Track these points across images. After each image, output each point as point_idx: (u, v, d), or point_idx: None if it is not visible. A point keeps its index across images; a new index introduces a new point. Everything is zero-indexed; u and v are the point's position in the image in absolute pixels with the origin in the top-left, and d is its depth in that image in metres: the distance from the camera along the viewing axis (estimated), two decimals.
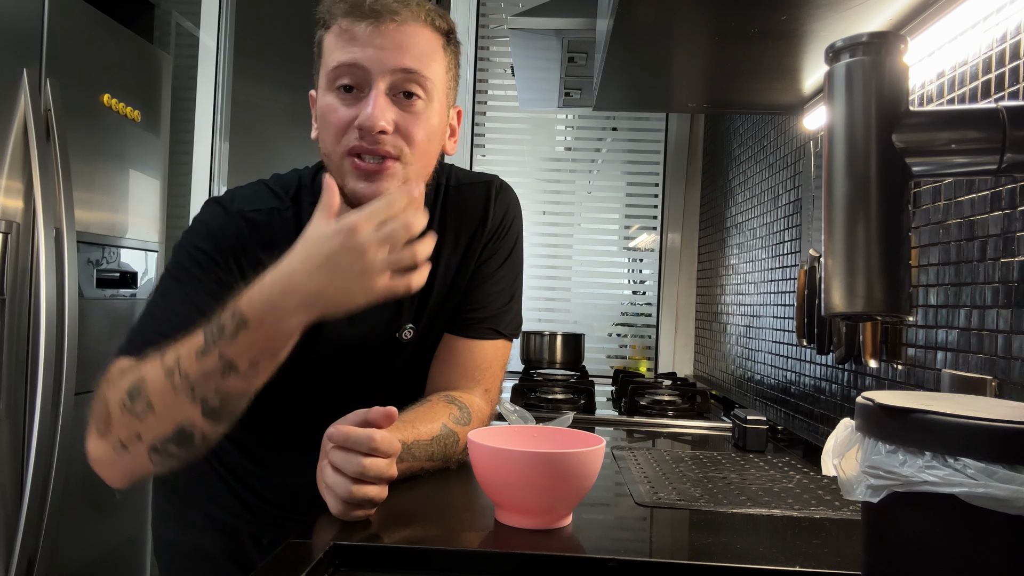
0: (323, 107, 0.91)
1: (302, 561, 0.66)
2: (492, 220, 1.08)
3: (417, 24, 0.90)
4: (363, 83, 0.89)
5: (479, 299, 1.07)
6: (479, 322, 1.07)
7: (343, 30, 0.89)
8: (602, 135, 2.69)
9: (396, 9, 0.88)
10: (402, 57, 0.88)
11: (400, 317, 1.04)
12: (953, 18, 0.95)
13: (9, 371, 1.70)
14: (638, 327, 2.66)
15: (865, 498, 0.51)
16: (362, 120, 0.87)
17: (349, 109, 0.89)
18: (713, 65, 1.33)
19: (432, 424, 0.95)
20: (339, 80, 0.89)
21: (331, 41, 0.91)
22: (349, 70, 0.88)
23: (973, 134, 0.64)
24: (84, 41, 1.96)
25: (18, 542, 1.69)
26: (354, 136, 0.89)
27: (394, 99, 0.90)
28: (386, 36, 0.88)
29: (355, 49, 0.88)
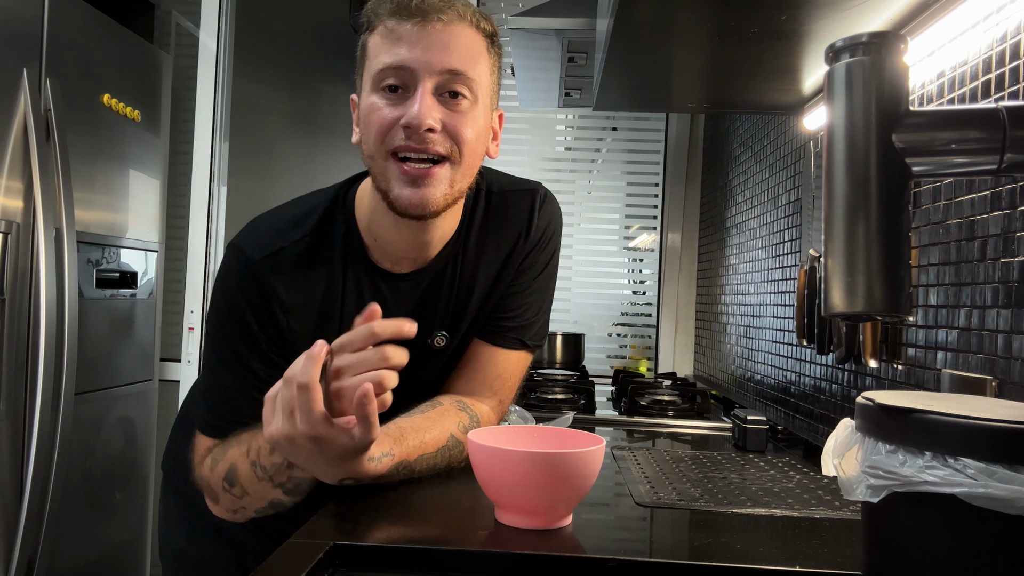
0: (367, 107, 0.90)
1: (302, 561, 0.66)
2: (534, 231, 1.06)
3: (463, 24, 0.89)
4: (409, 83, 0.87)
5: (510, 308, 1.06)
6: (507, 331, 1.05)
7: (388, 30, 0.88)
8: (602, 135, 2.69)
9: (442, 8, 0.87)
10: (448, 57, 0.87)
11: (433, 324, 1.02)
12: (953, 18, 0.95)
13: (9, 371, 1.70)
14: (638, 327, 2.66)
15: (865, 498, 0.51)
16: (409, 118, 0.86)
17: (394, 108, 0.88)
18: (713, 65, 1.33)
19: (440, 432, 0.94)
20: (384, 81, 0.88)
21: (376, 42, 0.89)
22: (395, 72, 0.87)
23: (973, 134, 0.64)
24: (84, 41, 1.96)
25: (18, 542, 1.69)
26: (399, 136, 0.87)
27: (440, 99, 0.88)
28: (432, 36, 0.86)
29: (401, 50, 0.87)
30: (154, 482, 2.35)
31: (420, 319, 1.00)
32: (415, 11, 0.86)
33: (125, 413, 2.20)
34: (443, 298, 1.02)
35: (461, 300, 1.03)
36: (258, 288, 0.94)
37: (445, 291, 1.02)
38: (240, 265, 0.95)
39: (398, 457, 0.88)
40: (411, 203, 0.89)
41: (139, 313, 2.27)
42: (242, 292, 0.94)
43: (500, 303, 1.06)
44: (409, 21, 0.87)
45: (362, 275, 0.98)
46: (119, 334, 2.17)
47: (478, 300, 1.04)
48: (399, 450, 0.88)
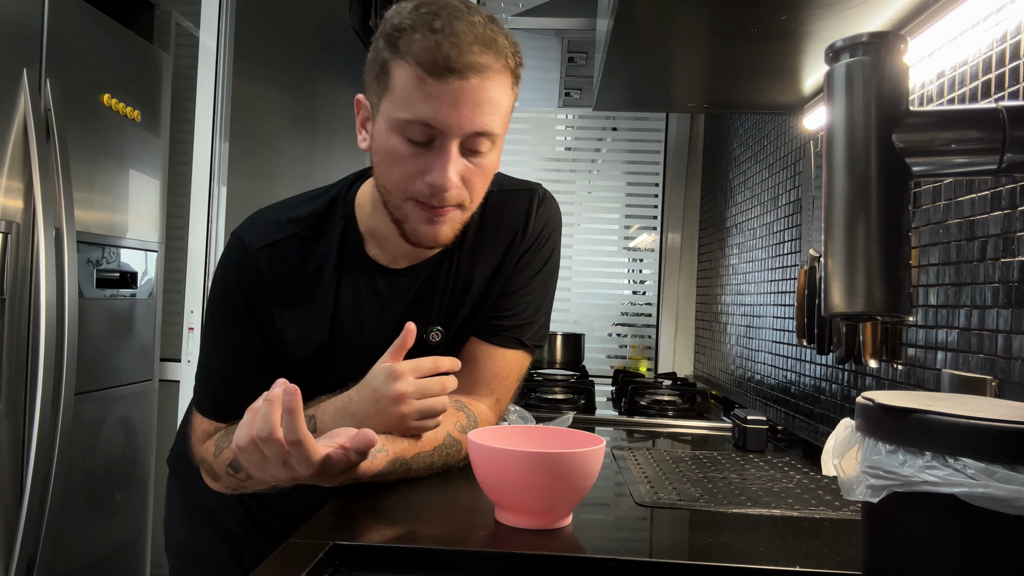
0: (388, 147, 0.87)
1: (302, 561, 0.66)
2: (531, 230, 1.06)
3: (497, 75, 0.85)
4: (435, 139, 0.86)
5: (508, 307, 1.06)
6: (504, 330, 1.06)
7: (421, 79, 0.83)
8: (602, 135, 2.69)
9: (481, 64, 0.83)
10: (479, 118, 0.85)
11: (428, 319, 1.02)
12: (953, 18, 0.95)
13: (9, 371, 1.70)
14: (638, 327, 2.66)
15: (865, 498, 0.51)
16: (435, 181, 0.86)
17: (418, 161, 0.86)
18: (713, 65, 1.33)
19: (437, 431, 0.95)
20: (409, 132, 0.85)
21: (405, 82, 0.84)
22: (424, 128, 0.84)
23: (973, 134, 0.64)
24: (84, 41, 1.96)
25: (18, 542, 1.69)
26: (423, 190, 0.87)
27: (463, 152, 0.87)
28: (466, 95, 0.83)
29: (434, 108, 0.83)
30: (154, 482, 2.35)
31: (415, 314, 1.01)
32: (452, 68, 0.82)
33: (125, 413, 2.20)
34: (438, 294, 1.03)
35: (456, 296, 1.03)
36: (253, 277, 0.96)
37: (440, 287, 1.02)
38: (238, 253, 0.98)
39: (392, 454, 0.88)
40: (426, 237, 0.91)
41: (139, 313, 2.27)
42: (237, 279, 0.97)
43: (498, 302, 1.06)
44: (445, 79, 0.82)
45: (358, 271, 0.99)
46: (119, 334, 2.17)
47: (474, 297, 1.04)
48: (392, 447, 0.89)
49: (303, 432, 0.75)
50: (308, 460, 0.76)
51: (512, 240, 1.05)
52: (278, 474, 0.79)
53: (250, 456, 0.79)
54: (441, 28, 0.82)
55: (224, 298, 0.98)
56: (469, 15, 0.84)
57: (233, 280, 0.98)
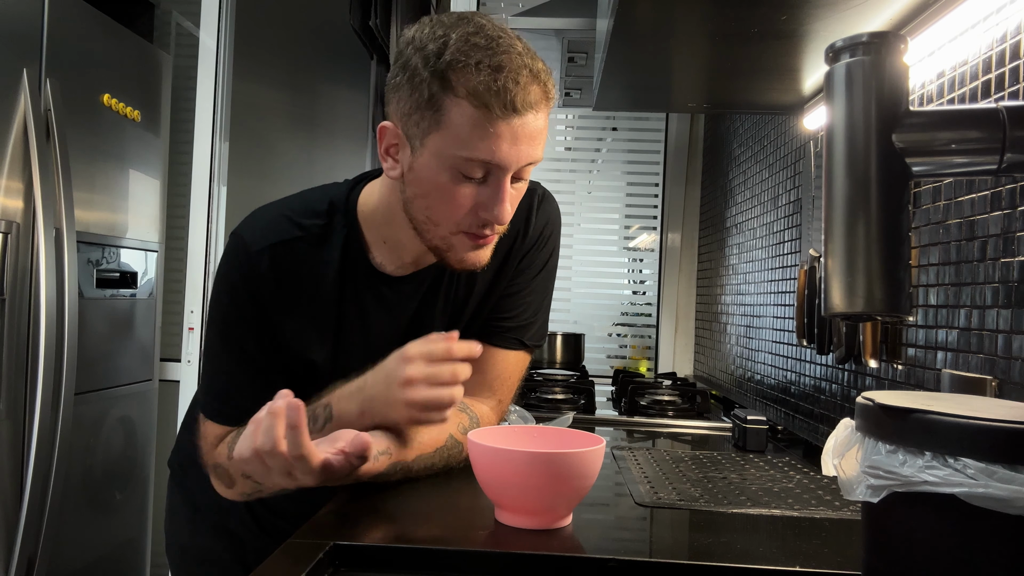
0: (439, 183, 0.86)
1: (302, 561, 0.66)
2: (532, 231, 1.06)
3: (544, 108, 0.86)
4: (490, 174, 0.86)
5: (509, 308, 1.06)
6: (506, 331, 1.06)
7: (484, 120, 0.82)
8: (602, 135, 2.69)
9: (535, 101, 0.84)
10: (533, 151, 0.86)
11: (432, 325, 1.02)
12: (953, 18, 0.95)
13: (9, 371, 1.70)
14: (638, 327, 2.66)
15: (865, 498, 0.51)
16: (493, 215, 0.87)
17: (472, 195, 0.87)
18: (713, 65, 1.33)
19: (439, 433, 0.95)
20: (467, 170, 0.85)
21: (464, 120, 0.82)
22: (484, 165, 0.84)
23: (973, 134, 0.64)
24: (84, 41, 1.96)
25: (18, 542, 1.69)
26: (476, 222, 0.88)
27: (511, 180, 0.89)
28: (524, 130, 0.84)
29: (496, 146, 0.83)
30: (154, 482, 2.35)
31: (420, 320, 1.01)
32: (515, 108, 0.82)
33: (125, 413, 2.20)
34: (441, 299, 1.03)
35: (460, 300, 1.04)
36: (252, 278, 0.95)
37: (443, 292, 1.02)
38: (239, 253, 0.96)
39: (395, 457, 0.88)
40: (472, 263, 0.92)
41: (139, 313, 2.27)
42: (241, 280, 0.95)
43: (499, 303, 1.06)
44: (508, 119, 0.82)
45: (362, 280, 0.98)
46: (119, 334, 2.17)
47: (476, 300, 1.05)
48: (396, 450, 0.89)
49: (307, 447, 0.75)
50: (311, 470, 0.77)
51: (513, 242, 1.05)
52: (281, 483, 0.79)
53: (253, 467, 0.79)
54: (499, 65, 0.81)
55: (230, 300, 0.96)
56: (513, 43, 0.84)
57: (237, 280, 0.96)
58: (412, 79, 0.84)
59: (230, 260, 0.97)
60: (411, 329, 1.00)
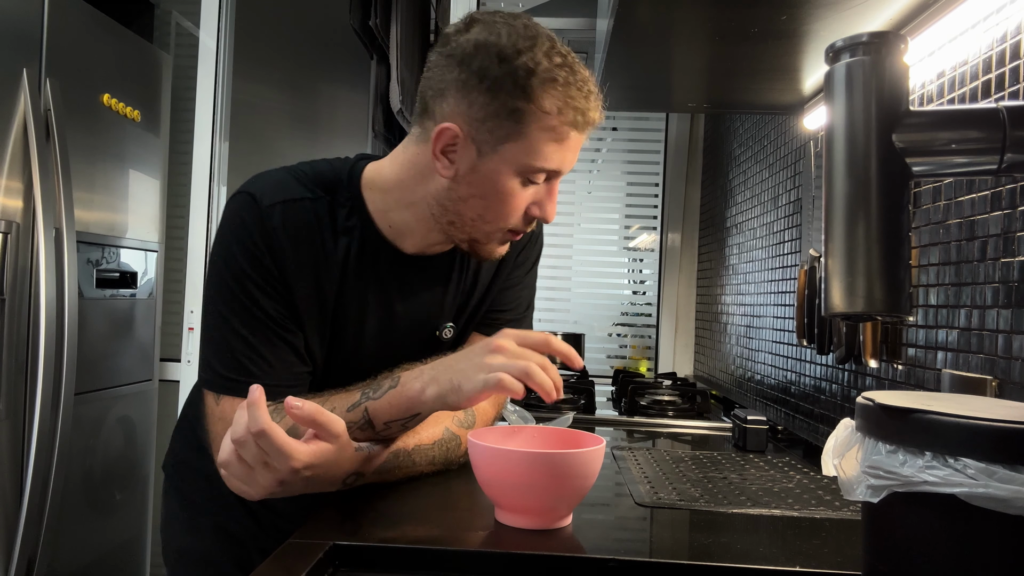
0: (505, 187, 0.90)
1: (302, 561, 0.66)
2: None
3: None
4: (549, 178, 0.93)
5: (507, 301, 1.11)
6: (504, 323, 1.08)
7: (561, 136, 0.88)
8: (602, 135, 2.69)
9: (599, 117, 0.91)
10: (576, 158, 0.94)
11: (441, 316, 1.04)
12: (953, 18, 0.95)
13: (9, 371, 1.70)
14: (638, 327, 2.66)
15: (865, 498, 0.51)
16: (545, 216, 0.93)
17: (528, 196, 0.92)
18: (713, 65, 1.33)
19: (435, 427, 0.95)
20: (536, 177, 0.90)
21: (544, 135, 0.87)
22: (551, 174, 0.91)
23: (973, 134, 0.64)
24: (84, 41, 1.96)
25: (18, 542, 1.69)
26: (526, 221, 0.94)
27: None
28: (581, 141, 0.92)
29: (564, 156, 0.90)
30: (154, 482, 2.35)
31: (429, 309, 1.02)
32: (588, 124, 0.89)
33: (125, 413, 2.20)
34: (452, 289, 1.04)
35: (466, 293, 1.06)
36: (267, 232, 0.91)
37: (454, 282, 1.04)
38: (250, 208, 0.92)
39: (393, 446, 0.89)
40: (497, 255, 0.97)
41: (139, 313, 2.27)
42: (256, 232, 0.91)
43: (497, 297, 1.10)
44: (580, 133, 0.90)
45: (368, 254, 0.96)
46: (119, 334, 2.17)
47: (480, 292, 1.08)
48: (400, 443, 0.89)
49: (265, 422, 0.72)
50: (281, 453, 0.73)
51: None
52: (265, 480, 0.76)
53: (235, 469, 0.76)
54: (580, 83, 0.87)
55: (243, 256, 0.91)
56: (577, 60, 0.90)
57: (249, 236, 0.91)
58: (493, 88, 0.86)
59: (239, 216, 0.92)
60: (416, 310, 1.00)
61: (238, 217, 0.92)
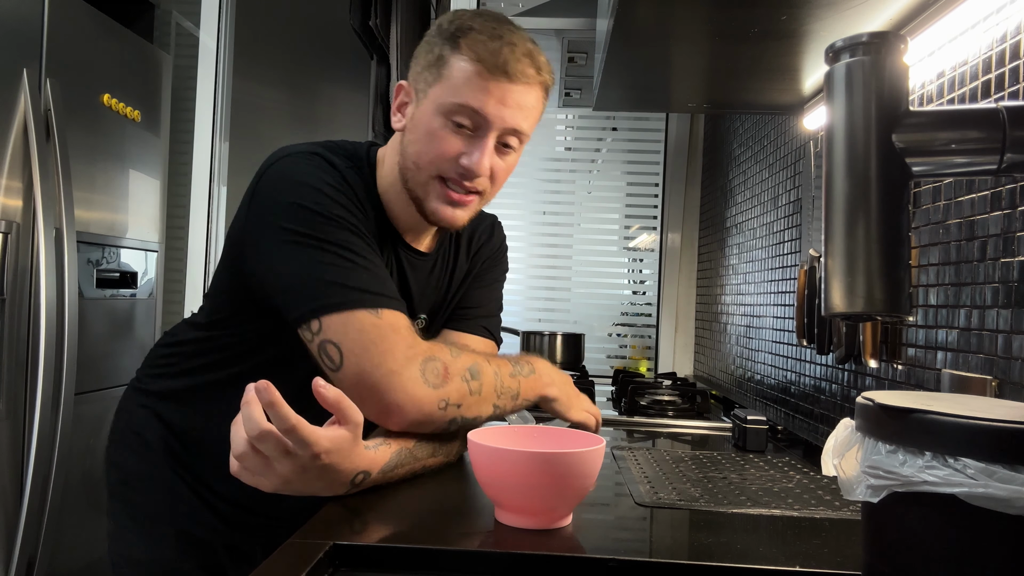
0: (430, 127, 0.97)
1: (302, 561, 0.66)
2: (496, 239, 1.24)
3: (539, 87, 0.99)
4: (477, 127, 0.96)
5: (475, 300, 1.20)
6: (473, 319, 1.18)
7: (478, 73, 0.94)
8: (602, 135, 2.69)
9: (528, 74, 0.96)
10: (518, 118, 0.97)
11: (419, 307, 1.12)
12: (953, 18, 0.95)
13: (9, 371, 1.70)
14: (638, 327, 2.66)
15: (865, 498, 0.51)
16: (471, 164, 0.96)
17: (458, 143, 0.96)
18: (713, 65, 1.33)
19: None
20: (457, 117, 0.95)
21: (462, 73, 0.95)
22: (472, 115, 0.95)
23: (973, 134, 0.64)
24: (84, 41, 1.96)
25: (18, 542, 1.69)
26: (455, 169, 0.97)
27: (495, 147, 0.98)
28: (512, 96, 0.95)
29: (485, 99, 0.94)
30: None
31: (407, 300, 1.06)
32: (507, 72, 0.94)
33: None
34: (432, 286, 1.13)
35: (443, 287, 1.16)
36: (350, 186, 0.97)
37: (434, 280, 1.13)
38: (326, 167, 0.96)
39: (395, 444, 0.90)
40: (445, 218, 1.00)
41: (139, 313, 2.27)
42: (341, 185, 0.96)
43: (466, 296, 1.19)
44: (498, 79, 0.94)
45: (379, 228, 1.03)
46: (119, 334, 2.17)
47: (454, 289, 1.17)
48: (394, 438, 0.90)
49: (294, 417, 0.73)
50: (305, 441, 0.74)
51: (483, 244, 1.21)
52: (284, 469, 0.76)
53: (251, 462, 0.77)
54: (502, 37, 0.95)
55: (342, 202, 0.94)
56: (520, 30, 0.99)
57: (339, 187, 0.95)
58: (427, 44, 0.99)
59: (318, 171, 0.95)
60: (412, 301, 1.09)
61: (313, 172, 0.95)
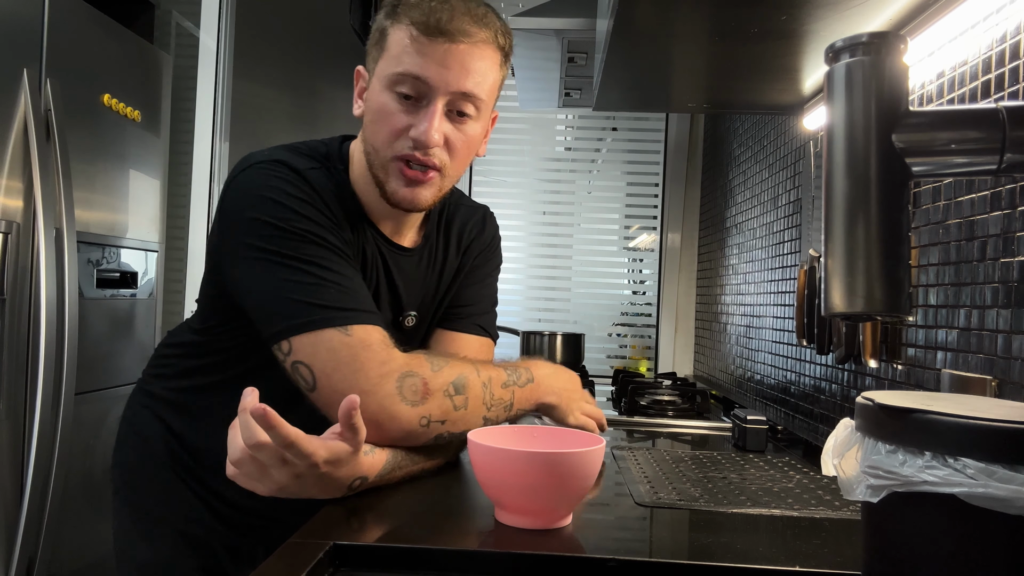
0: (378, 104, 0.93)
1: (302, 561, 0.66)
2: (487, 233, 1.19)
3: (485, 46, 0.92)
4: (423, 95, 0.91)
5: (468, 298, 1.16)
6: (467, 317, 1.15)
7: (414, 39, 0.90)
8: (602, 135, 2.69)
9: (469, 31, 0.90)
10: (465, 80, 0.91)
11: (405, 303, 1.09)
12: (953, 18, 0.95)
13: (9, 371, 1.70)
14: (638, 327, 2.66)
15: (865, 498, 0.51)
16: (419, 135, 0.91)
17: (405, 116, 0.92)
18: (713, 65, 1.33)
19: None
20: (400, 86, 0.91)
21: (399, 40, 0.91)
22: (414, 82, 0.90)
23: (973, 134, 0.64)
24: (84, 41, 1.96)
25: (18, 542, 1.69)
26: (407, 144, 0.92)
27: (447, 115, 0.93)
28: (455, 56, 0.90)
29: (424, 63, 0.90)
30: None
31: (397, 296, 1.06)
32: (444, 31, 0.89)
33: None
34: (418, 282, 1.09)
35: (431, 283, 1.12)
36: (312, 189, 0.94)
37: (420, 276, 1.10)
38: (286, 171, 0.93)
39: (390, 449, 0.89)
40: (405, 199, 0.95)
41: (139, 313, 2.27)
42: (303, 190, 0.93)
43: (458, 294, 1.15)
44: (435, 39, 0.89)
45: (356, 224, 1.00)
46: (119, 334, 2.17)
47: (444, 285, 1.14)
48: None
49: (293, 434, 0.73)
50: (304, 453, 0.75)
51: (473, 239, 1.16)
52: (280, 476, 0.77)
53: (247, 468, 0.77)
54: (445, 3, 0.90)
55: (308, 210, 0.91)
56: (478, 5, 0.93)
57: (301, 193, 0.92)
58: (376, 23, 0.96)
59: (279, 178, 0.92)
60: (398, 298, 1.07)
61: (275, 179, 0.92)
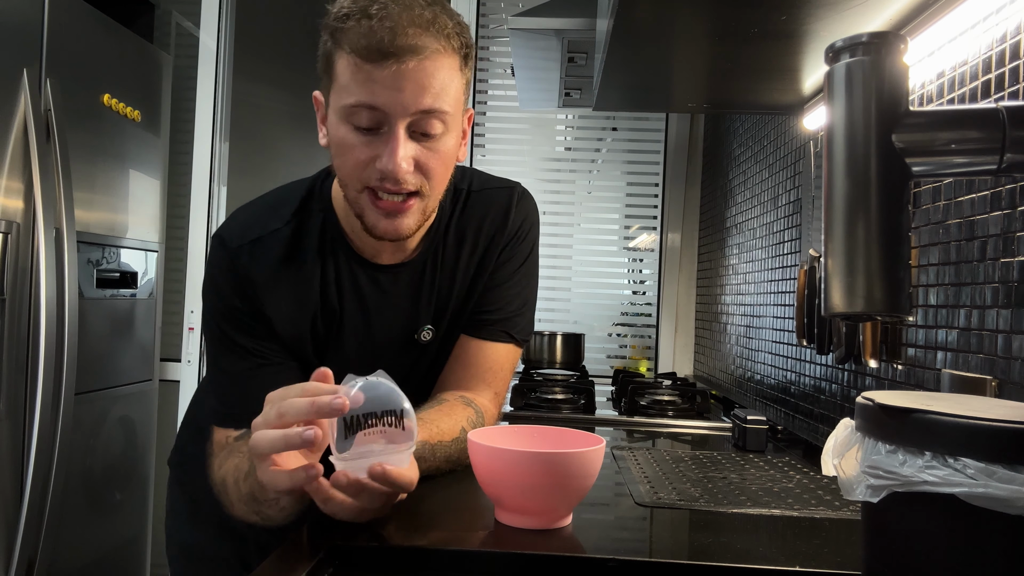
0: (338, 138, 0.88)
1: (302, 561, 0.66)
2: (511, 225, 1.06)
3: (438, 56, 0.84)
4: (381, 123, 0.85)
5: (493, 301, 1.07)
6: (492, 324, 1.07)
7: (357, 67, 0.83)
8: (602, 135, 2.69)
9: (417, 46, 0.82)
10: (423, 98, 0.84)
11: (418, 319, 1.03)
12: (953, 18, 0.95)
13: (9, 371, 1.70)
14: (638, 327, 2.66)
15: (865, 498, 0.51)
16: (385, 165, 0.85)
17: (367, 148, 0.86)
18: (713, 65, 1.33)
19: (453, 424, 0.95)
20: (354, 118, 0.85)
21: (345, 69, 0.84)
22: (369, 112, 0.84)
23: (973, 134, 0.64)
24: (84, 41, 1.96)
25: (18, 542, 1.69)
26: (375, 176, 0.86)
27: (413, 136, 0.86)
28: (406, 77, 0.82)
29: (374, 90, 0.83)
30: (154, 482, 2.36)
31: (405, 313, 1.02)
32: (389, 52, 0.81)
33: (125, 413, 2.20)
34: (425, 292, 1.03)
35: (443, 293, 1.04)
36: (236, 275, 0.96)
37: (427, 284, 1.03)
38: (221, 253, 0.98)
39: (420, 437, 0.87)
40: (386, 231, 0.90)
41: (139, 313, 2.27)
42: (225, 279, 0.97)
43: (483, 296, 1.06)
44: (381, 63, 0.81)
45: (342, 265, 0.99)
46: (119, 334, 2.17)
47: (460, 293, 1.05)
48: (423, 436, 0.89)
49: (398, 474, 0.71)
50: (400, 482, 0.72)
51: (493, 235, 1.05)
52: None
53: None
54: (376, 13, 0.81)
55: (217, 299, 0.98)
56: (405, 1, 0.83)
57: (221, 279, 0.98)
58: (320, 45, 0.89)
59: (213, 261, 0.99)
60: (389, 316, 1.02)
61: (211, 263, 0.99)
